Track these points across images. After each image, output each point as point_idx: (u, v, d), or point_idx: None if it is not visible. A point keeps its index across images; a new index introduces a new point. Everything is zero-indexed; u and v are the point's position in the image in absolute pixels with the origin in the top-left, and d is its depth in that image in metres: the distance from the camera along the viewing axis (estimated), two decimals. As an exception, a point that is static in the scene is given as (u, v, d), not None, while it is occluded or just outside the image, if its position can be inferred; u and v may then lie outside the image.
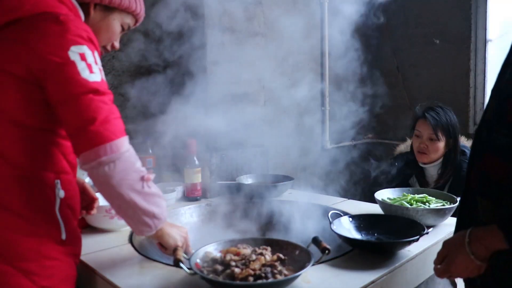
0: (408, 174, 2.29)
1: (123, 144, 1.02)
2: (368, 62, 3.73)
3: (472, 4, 3.00)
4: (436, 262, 1.05)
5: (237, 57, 2.12)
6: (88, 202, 1.39)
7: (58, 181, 1.08)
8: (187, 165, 2.03)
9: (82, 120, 0.98)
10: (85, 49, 1.00)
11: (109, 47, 1.27)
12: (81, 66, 0.98)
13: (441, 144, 2.12)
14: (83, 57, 0.99)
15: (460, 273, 0.98)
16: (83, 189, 1.37)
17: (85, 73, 0.98)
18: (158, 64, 2.08)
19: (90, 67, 1.00)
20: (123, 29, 1.26)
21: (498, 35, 3.01)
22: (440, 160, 2.14)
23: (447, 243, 1.03)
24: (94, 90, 0.99)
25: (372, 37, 3.50)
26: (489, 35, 3.01)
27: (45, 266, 1.04)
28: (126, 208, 1.05)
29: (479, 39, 3.02)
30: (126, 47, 2.16)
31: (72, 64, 0.97)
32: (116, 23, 1.22)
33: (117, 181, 0.99)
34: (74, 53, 0.98)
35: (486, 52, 3.03)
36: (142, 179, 1.04)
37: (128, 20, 1.25)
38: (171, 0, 1.74)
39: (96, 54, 1.04)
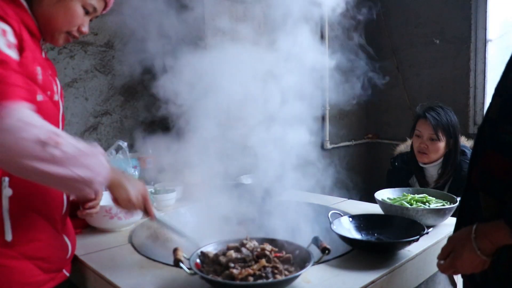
0: (408, 174, 2.29)
1: (11, 109, 0.86)
2: (368, 62, 3.73)
3: (472, 4, 3.00)
4: (440, 257, 1.05)
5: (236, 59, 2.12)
6: (86, 201, 1.33)
7: (6, 178, 1.00)
8: (187, 165, 2.03)
9: None
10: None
11: (75, 33, 1.16)
12: None
13: (442, 144, 2.12)
14: None
15: (465, 268, 0.98)
16: None
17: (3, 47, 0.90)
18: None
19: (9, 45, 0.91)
20: (87, 11, 1.14)
21: (498, 35, 3.01)
22: (440, 160, 2.14)
23: (452, 239, 1.03)
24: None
25: (372, 37, 3.50)
26: (489, 35, 3.01)
27: None
28: (42, 180, 0.92)
29: (479, 39, 3.02)
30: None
31: None
32: (76, 4, 1.10)
33: (8, 154, 0.85)
34: None
35: (486, 52, 3.03)
36: (42, 143, 0.86)
37: (92, 1, 1.13)
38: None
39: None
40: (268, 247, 1.12)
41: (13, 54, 0.95)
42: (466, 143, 2.24)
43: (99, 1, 1.16)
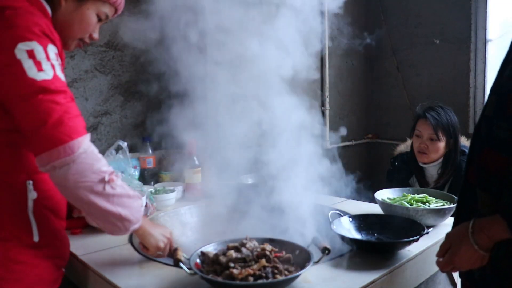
0: (408, 174, 2.29)
1: (79, 145, 0.95)
2: (368, 62, 3.73)
3: (472, 4, 3.00)
4: (439, 254, 1.06)
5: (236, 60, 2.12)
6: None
7: (30, 182, 1.05)
8: (187, 165, 2.03)
9: (33, 123, 0.93)
10: (34, 45, 0.93)
11: (87, 39, 1.20)
12: (27, 64, 0.92)
13: (442, 144, 2.12)
14: (31, 54, 0.93)
15: (463, 264, 0.99)
16: None
17: (31, 72, 0.92)
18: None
19: (39, 65, 0.93)
20: (100, 19, 1.18)
21: (498, 35, 3.01)
22: (440, 160, 2.14)
23: (450, 235, 1.04)
24: (43, 89, 0.93)
25: (372, 37, 3.50)
26: (489, 35, 3.01)
27: (12, 270, 1.02)
28: (88, 210, 1.02)
29: (479, 39, 3.02)
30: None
31: (18, 63, 0.91)
32: (91, 13, 1.14)
33: (72, 183, 0.95)
34: (20, 50, 0.92)
35: (486, 52, 3.03)
36: (103, 180, 0.98)
37: (106, 9, 1.17)
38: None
39: (51, 48, 0.97)
40: (268, 247, 1.12)
41: (64, 79, 1.00)
42: (466, 143, 2.24)
43: (111, 8, 1.20)
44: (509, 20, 2.96)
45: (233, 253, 1.09)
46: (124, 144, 1.97)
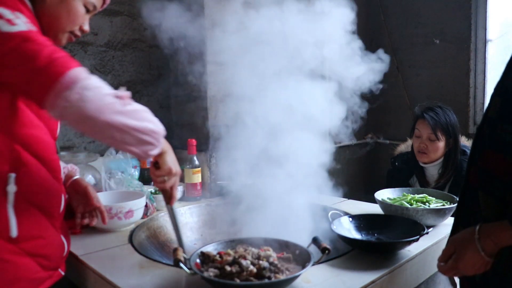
0: (408, 174, 2.29)
1: (80, 71, 0.91)
2: (368, 62, 3.73)
3: (472, 4, 3.00)
4: (442, 259, 1.05)
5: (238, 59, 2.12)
6: (88, 208, 1.35)
7: (13, 174, 1.00)
8: (187, 165, 2.03)
9: (24, 70, 0.89)
10: (2, 10, 0.92)
11: (77, 32, 1.17)
12: None
13: (441, 144, 2.12)
14: (0, 16, 0.91)
15: (468, 269, 0.98)
16: (84, 194, 1.34)
17: (5, 27, 0.90)
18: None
19: (10, 21, 0.91)
20: (88, 10, 1.15)
21: (498, 35, 3.01)
22: (441, 160, 2.15)
23: (454, 240, 1.03)
24: (22, 38, 0.90)
25: (372, 37, 3.50)
26: (489, 35, 3.01)
27: None
28: (120, 134, 0.94)
29: (479, 39, 3.02)
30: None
31: None
32: (78, 4, 1.12)
33: (94, 110, 0.89)
34: None
35: (486, 52, 3.03)
36: (118, 97, 0.94)
37: (93, 0, 1.15)
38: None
39: (19, 14, 0.94)
40: (270, 248, 1.12)
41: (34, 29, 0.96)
42: (466, 143, 2.24)
43: None
44: (509, 20, 2.96)
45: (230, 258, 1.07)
46: (124, 144, 1.97)
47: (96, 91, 0.90)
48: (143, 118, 0.98)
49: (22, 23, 0.93)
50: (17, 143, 1.01)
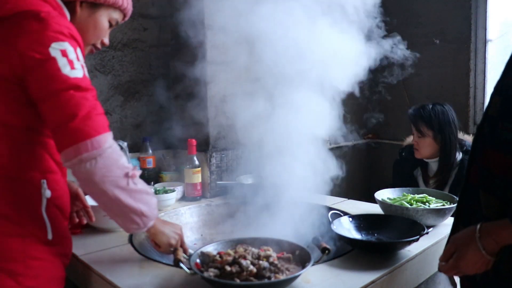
0: (413, 165, 2.32)
1: (105, 140, 0.99)
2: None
3: (472, 4, 2.99)
4: (443, 258, 1.04)
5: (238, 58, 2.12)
6: (77, 208, 1.39)
7: (44, 180, 1.06)
8: (187, 165, 2.03)
9: (63, 116, 0.96)
10: (66, 45, 0.98)
11: (99, 45, 1.25)
12: (62, 62, 0.97)
13: (428, 140, 2.14)
14: (64, 53, 0.97)
15: (469, 269, 0.98)
16: (75, 195, 1.36)
17: (66, 69, 0.97)
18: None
19: (72, 63, 0.98)
20: (111, 25, 1.24)
21: (498, 35, 3.00)
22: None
23: (455, 239, 1.03)
24: (75, 86, 0.97)
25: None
26: (489, 35, 3.01)
27: (30, 266, 1.03)
28: (111, 205, 1.03)
29: (479, 39, 3.02)
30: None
31: (53, 60, 0.96)
32: (104, 19, 1.20)
33: (99, 177, 0.97)
34: (55, 49, 0.97)
35: (486, 52, 3.02)
36: (127, 175, 1.01)
37: (116, 16, 1.23)
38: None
39: (78, 51, 1.02)
40: (270, 248, 1.12)
41: (87, 75, 1.04)
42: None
43: (120, 14, 1.26)
44: (509, 20, 2.96)
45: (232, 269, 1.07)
46: (124, 144, 1.98)
47: (108, 162, 0.98)
48: (140, 200, 1.05)
49: (80, 68, 1.00)
50: (45, 152, 1.08)
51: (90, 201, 1.44)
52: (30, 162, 1.05)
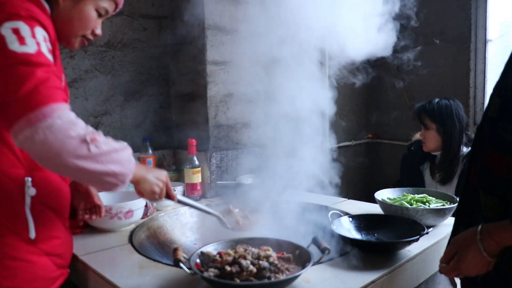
0: (421, 159, 2.37)
1: (53, 111, 0.90)
2: (368, 62, 3.73)
3: (472, 4, 2.99)
4: (444, 260, 1.04)
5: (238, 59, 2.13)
6: (89, 205, 1.39)
7: (29, 178, 1.05)
8: (187, 165, 2.03)
9: (7, 91, 0.91)
10: (20, 24, 0.94)
11: (90, 36, 1.20)
12: (10, 39, 0.92)
13: (432, 133, 2.19)
14: (15, 31, 0.93)
15: (470, 270, 0.97)
16: (86, 192, 1.36)
17: (13, 45, 0.92)
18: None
19: (22, 39, 0.93)
20: (100, 14, 1.18)
21: (498, 35, 3.00)
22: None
23: (456, 241, 1.02)
24: (23, 61, 0.92)
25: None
26: (489, 35, 3.01)
27: (6, 266, 1.02)
28: (80, 176, 0.96)
29: (479, 39, 3.02)
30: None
31: (1, 38, 0.92)
32: (89, 9, 1.15)
33: (54, 152, 0.89)
34: (6, 28, 0.93)
35: (486, 52, 3.02)
36: (85, 141, 0.92)
37: (105, 5, 1.17)
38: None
39: (38, 30, 0.97)
40: (270, 248, 1.12)
41: (51, 59, 0.99)
42: None
43: (111, 3, 1.19)
44: (509, 20, 2.96)
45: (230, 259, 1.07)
46: (124, 144, 1.97)
47: (59, 134, 0.89)
48: (109, 161, 0.96)
49: (33, 43, 0.94)
50: None
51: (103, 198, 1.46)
52: (12, 160, 1.03)
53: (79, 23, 1.14)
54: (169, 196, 1.19)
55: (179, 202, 1.27)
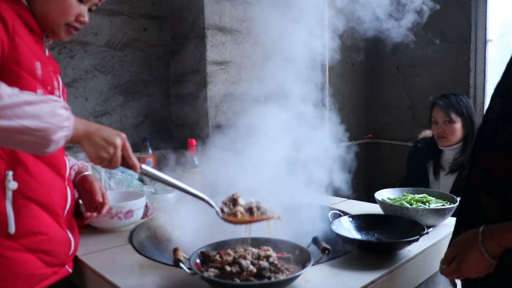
0: (427, 156, 2.40)
1: None
2: (368, 62, 3.73)
3: (472, 4, 2.99)
4: (444, 262, 1.03)
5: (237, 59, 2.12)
6: (94, 204, 1.36)
7: (10, 172, 1.02)
8: (187, 165, 2.03)
9: None
10: None
11: (75, 23, 1.14)
12: None
13: (457, 126, 2.23)
14: None
15: (471, 272, 0.97)
16: (89, 189, 1.34)
17: None
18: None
19: None
20: (82, 1, 1.12)
21: (498, 35, 3.01)
22: (460, 144, 2.25)
23: (457, 242, 1.02)
24: None
25: (372, 37, 3.49)
26: (489, 35, 3.01)
27: None
28: None
29: (479, 39, 3.02)
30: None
31: None
32: None
33: None
34: None
35: (486, 52, 3.03)
36: None
37: None
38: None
39: None
40: (270, 248, 1.12)
41: None
42: None
43: None
44: (509, 20, 2.96)
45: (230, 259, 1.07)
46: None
47: None
48: (19, 115, 0.80)
49: None
50: None
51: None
52: None
53: (57, 11, 1.09)
54: (128, 165, 1.01)
55: (146, 175, 1.04)
